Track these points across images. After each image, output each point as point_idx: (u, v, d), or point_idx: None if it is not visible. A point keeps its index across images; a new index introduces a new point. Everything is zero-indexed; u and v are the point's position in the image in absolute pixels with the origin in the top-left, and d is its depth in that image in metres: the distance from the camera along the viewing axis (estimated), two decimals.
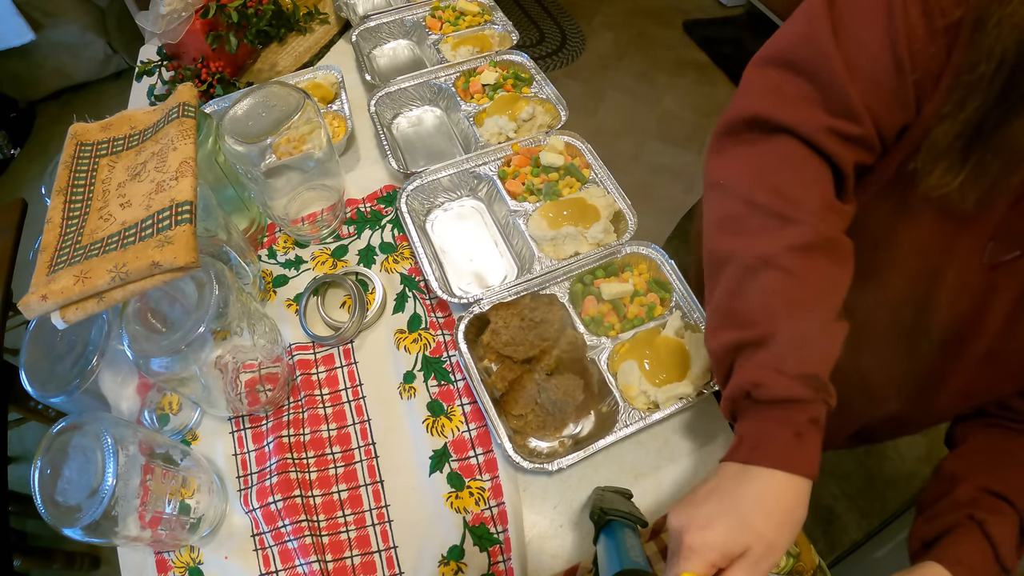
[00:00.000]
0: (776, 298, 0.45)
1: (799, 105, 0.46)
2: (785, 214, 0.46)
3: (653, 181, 2.11)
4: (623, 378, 0.65)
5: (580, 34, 2.62)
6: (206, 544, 0.62)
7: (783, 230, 0.45)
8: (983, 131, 0.41)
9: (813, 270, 0.45)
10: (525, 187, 0.80)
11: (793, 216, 0.45)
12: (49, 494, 0.50)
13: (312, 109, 0.70)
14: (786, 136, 0.47)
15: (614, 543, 0.49)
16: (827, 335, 0.45)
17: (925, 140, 0.44)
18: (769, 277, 0.45)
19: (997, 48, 0.39)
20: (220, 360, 0.58)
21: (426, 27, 1.04)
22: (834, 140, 0.46)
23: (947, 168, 0.43)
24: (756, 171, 0.48)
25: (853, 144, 0.46)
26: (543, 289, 0.72)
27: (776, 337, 0.44)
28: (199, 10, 0.91)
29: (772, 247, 0.45)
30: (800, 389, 0.43)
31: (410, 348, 0.72)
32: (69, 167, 0.63)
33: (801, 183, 0.46)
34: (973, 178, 0.42)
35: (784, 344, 0.44)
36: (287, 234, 0.83)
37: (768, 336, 0.44)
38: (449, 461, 0.65)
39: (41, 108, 2.55)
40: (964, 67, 0.41)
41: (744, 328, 0.46)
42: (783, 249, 0.45)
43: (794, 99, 0.47)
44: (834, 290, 0.46)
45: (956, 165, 0.43)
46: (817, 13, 0.45)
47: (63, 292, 0.51)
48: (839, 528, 1.44)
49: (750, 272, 0.46)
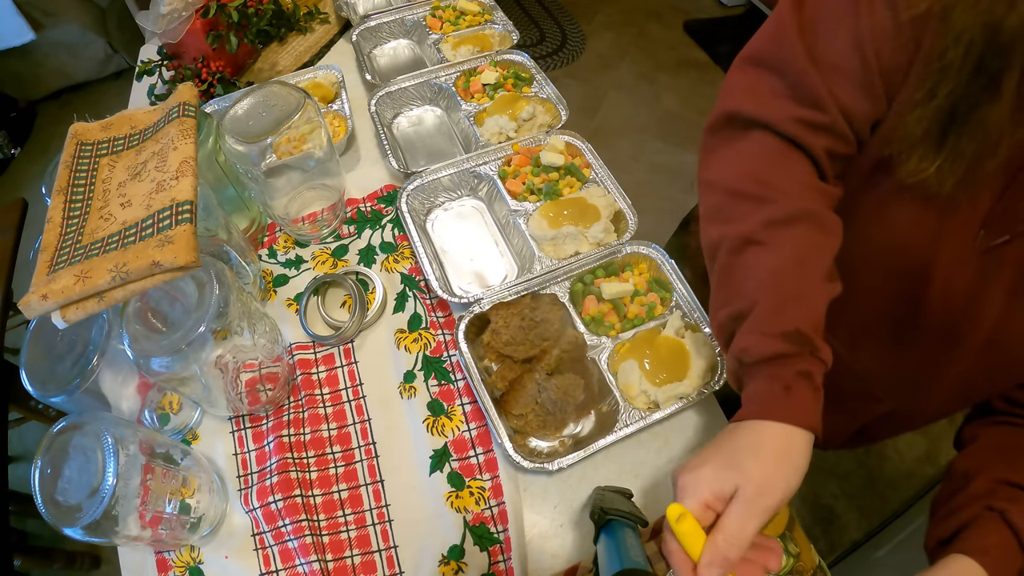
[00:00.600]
0: (758, 269, 0.48)
1: (771, 100, 0.49)
2: (763, 196, 0.49)
3: (653, 181, 2.11)
4: (623, 378, 0.65)
5: (580, 34, 2.62)
6: (206, 544, 0.63)
7: (761, 210, 0.48)
8: (956, 117, 0.42)
9: (792, 239, 0.47)
10: (525, 187, 0.80)
11: (770, 197, 0.48)
12: (49, 494, 0.50)
13: (312, 109, 0.70)
14: (761, 130, 0.50)
15: (614, 543, 0.49)
16: (810, 294, 0.47)
17: (900, 128, 0.46)
18: (751, 252, 0.48)
19: (964, 36, 0.40)
20: (220, 360, 0.58)
21: (426, 27, 1.04)
22: (803, 128, 0.49)
23: (923, 155, 0.44)
24: (736, 164, 0.52)
25: (822, 132, 0.49)
26: (543, 289, 0.72)
27: (758, 304, 0.47)
28: (199, 10, 0.91)
29: (752, 226, 0.48)
30: (781, 345, 0.45)
31: (410, 348, 0.72)
32: (69, 167, 0.63)
33: (777, 169, 0.49)
34: (949, 163, 0.43)
35: (765, 308, 0.46)
36: (287, 234, 0.83)
37: (752, 305, 0.47)
38: (449, 461, 0.65)
39: (41, 108, 2.55)
40: (934, 55, 0.42)
41: (733, 302, 0.49)
42: (761, 225, 0.48)
43: (767, 95, 0.50)
44: (816, 255, 0.48)
45: (932, 151, 0.44)
46: (786, 15, 0.48)
47: (63, 292, 0.51)
48: (839, 528, 1.44)
49: (735, 251, 0.49)
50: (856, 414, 0.69)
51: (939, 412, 0.64)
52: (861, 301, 0.57)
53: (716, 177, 0.53)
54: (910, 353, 0.58)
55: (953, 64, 0.41)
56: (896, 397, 0.64)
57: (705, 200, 0.54)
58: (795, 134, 0.49)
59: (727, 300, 0.50)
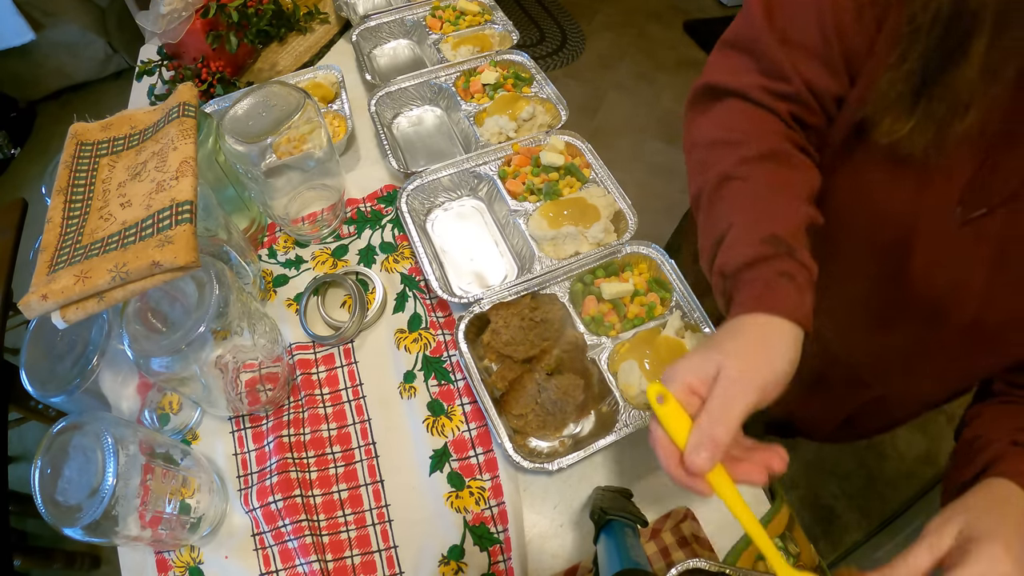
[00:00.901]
0: (734, 199, 0.51)
1: (742, 74, 0.54)
2: (737, 140, 0.52)
3: (653, 181, 2.11)
4: (623, 378, 0.65)
5: (580, 34, 2.62)
6: (206, 544, 0.63)
7: (736, 151, 0.52)
8: (927, 79, 0.44)
9: (765, 172, 0.50)
10: (525, 187, 0.80)
11: (743, 140, 0.52)
12: (49, 494, 0.50)
13: (312, 109, 0.70)
14: (733, 97, 0.55)
15: (614, 543, 0.49)
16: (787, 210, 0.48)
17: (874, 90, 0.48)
18: (728, 187, 0.51)
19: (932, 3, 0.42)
20: (220, 360, 0.58)
21: (426, 27, 1.04)
22: (769, 96, 0.52)
23: (896, 116, 0.46)
24: (712, 123, 0.56)
25: (788, 100, 0.52)
26: (543, 289, 0.72)
27: (735, 223, 0.49)
28: (199, 10, 0.91)
29: (727, 165, 0.51)
30: (759, 248, 0.46)
31: (410, 348, 0.72)
32: (69, 167, 0.63)
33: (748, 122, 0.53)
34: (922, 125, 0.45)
35: (742, 223, 0.48)
36: (287, 234, 0.83)
37: (730, 225, 0.49)
38: (449, 461, 0.65)
39: (41, 108, 2.55)
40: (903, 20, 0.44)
41: (713, 233, 0.51)
42: (736, 163, 0.51)
43: (739, 70, 0.54)
44: (790, 185, 0.50)
45: (905, 113, 0.45)
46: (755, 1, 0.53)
47: (63, 292, 0.51)
48: (839, 528, 1.44)
49: (714, 191, 0.52)
50: (844, 401, 0.69)
51: (929, 397, 0.63)
52: (846, 281, 0.58)
53: (695, 138, 0.57)
54: (896, 334, 0.58)
55: (922, 28, 0.43)
56: (884, 382, 0.64)
57: (689, 161, 0.57)
58: (763, 100, 0.53)
59: (708, 233, 0.51)
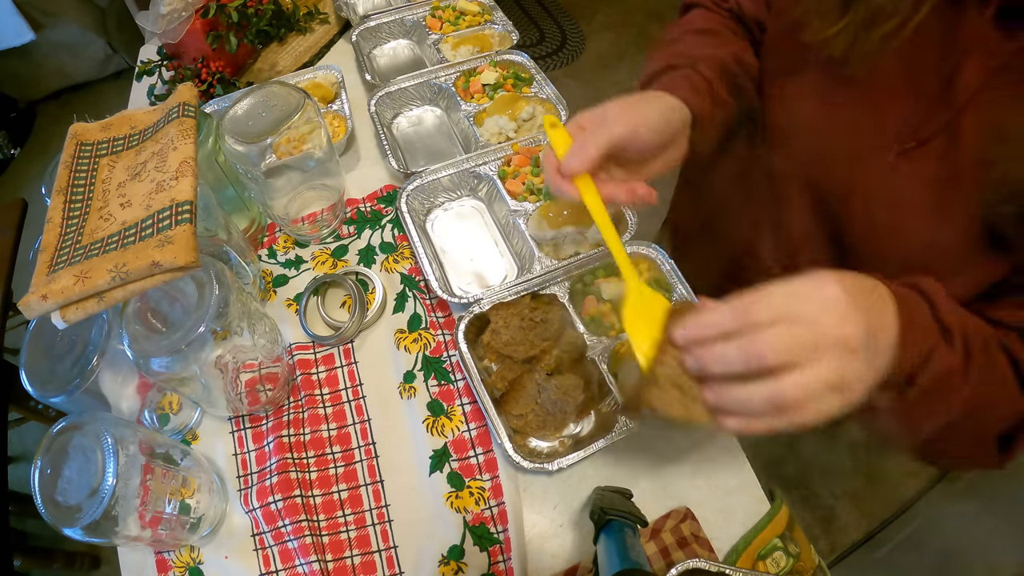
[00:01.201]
0: (667, 49, 0.65)
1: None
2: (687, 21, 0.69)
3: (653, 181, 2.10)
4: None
5: (580, 34, 2.62)
6: (206, 544, 0.63)
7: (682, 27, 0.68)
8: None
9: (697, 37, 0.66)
10: (525, 187, 0.80)
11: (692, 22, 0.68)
12: (49, 494, 0.50)
13: (312, 109, 0.70)
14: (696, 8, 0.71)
15: (614, 543, 0.49)
16: (702, 51, 0.62)
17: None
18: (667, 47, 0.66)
19: None
20: (220, 360, 0.58)
21: (426, 27, 1.04)
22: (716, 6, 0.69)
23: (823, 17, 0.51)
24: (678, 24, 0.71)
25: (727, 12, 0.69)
26: (543, 289, 0.72)
27: (659, 59, 0.63)
28: (199, 10, 0.91)
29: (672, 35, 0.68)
30: (670, 60, 0.61)
31: (410, 348, 0.72)
32: (69, 167, 0.63)
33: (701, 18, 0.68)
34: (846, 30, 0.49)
35: (664, 58, 0.63)
36: (287, 234, 0.83)
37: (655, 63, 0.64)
38: (449, 461, 0.65)
39: (41, 108, 2.55)
40: None
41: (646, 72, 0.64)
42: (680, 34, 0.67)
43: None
44: (714, 45, 0.64)
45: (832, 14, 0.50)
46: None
47: (63, 292, 0.51)
48: (839, 528, 1.44)
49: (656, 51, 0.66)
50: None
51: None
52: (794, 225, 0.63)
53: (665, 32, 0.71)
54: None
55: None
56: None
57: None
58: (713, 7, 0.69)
59: (643, 73, 0.65)
